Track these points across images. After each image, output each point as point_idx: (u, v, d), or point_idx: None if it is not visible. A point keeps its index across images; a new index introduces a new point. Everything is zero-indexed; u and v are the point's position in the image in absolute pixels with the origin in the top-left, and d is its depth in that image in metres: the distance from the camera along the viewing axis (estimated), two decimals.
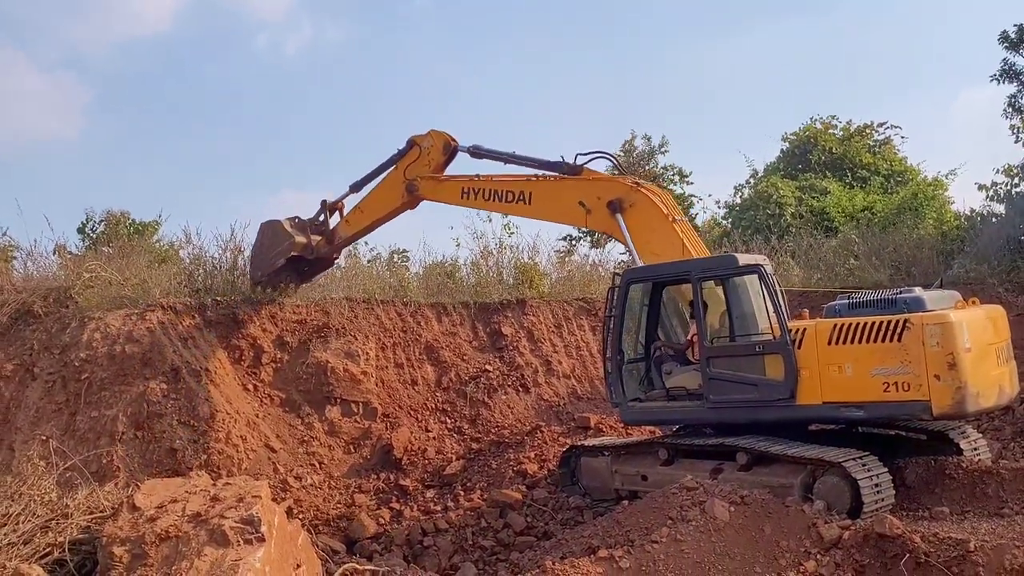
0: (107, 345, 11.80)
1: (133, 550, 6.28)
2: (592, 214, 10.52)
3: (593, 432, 12.52)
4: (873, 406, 8.43)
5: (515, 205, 11.28)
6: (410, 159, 12.18)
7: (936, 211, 21.05)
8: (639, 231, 10.17)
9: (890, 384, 8.23)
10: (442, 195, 12.06)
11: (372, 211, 12.71)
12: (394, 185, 12.36)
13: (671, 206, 10.42)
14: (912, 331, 8.11)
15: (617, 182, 10.68)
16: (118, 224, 17.60)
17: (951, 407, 8.06)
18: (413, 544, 9.92)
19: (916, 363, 8.08)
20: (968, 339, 8.11)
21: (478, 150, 11.76)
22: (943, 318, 8.14)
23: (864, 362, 8.38)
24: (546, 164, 11.11)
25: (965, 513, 8.17)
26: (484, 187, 11.47)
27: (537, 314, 16.29)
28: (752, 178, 26.93)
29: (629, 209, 10.24)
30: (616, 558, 7.08)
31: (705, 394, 9.42)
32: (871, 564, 6.83)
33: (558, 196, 10.96)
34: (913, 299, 8.48)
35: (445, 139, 12.04)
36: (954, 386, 7.99)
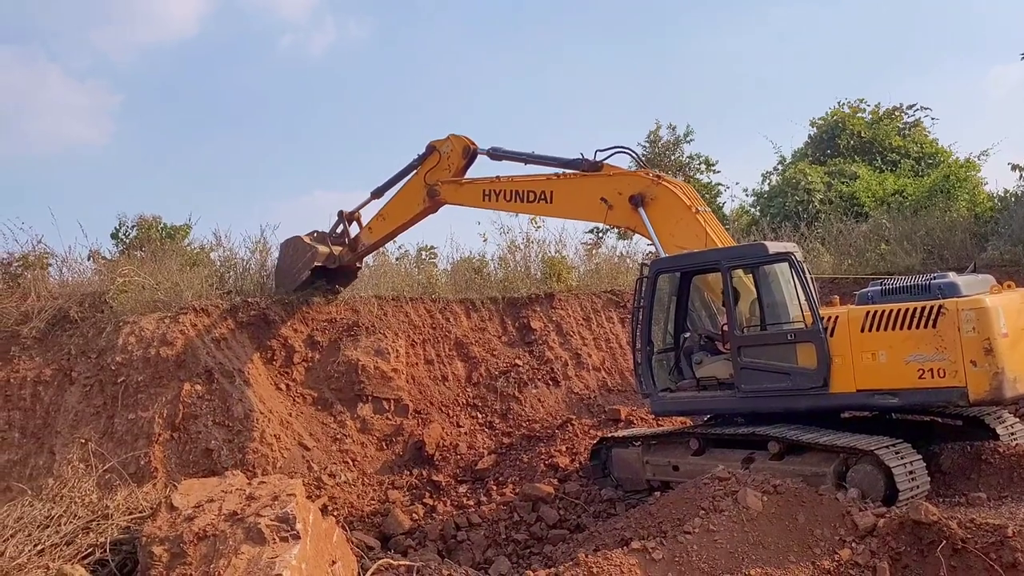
0: (142, 348, 12.00)
1: (172, 549, 6.41)
2: (614, 210, 10.53)
3: (624, 424, 12.52)
4: (908, 393, 8.34)
5: (537, 205, 11.33)
6: (430, 164, 12.27)
7: (969, 193, 20.68)
8: (662, 224, 10.15)
9: (925, 371, 8.14)
10: (463, 198, 12.12)
11: (394, 217, 12.81)
12: (415, 190, 12.45)
13: (693, 197, 10.38)
14: (947, 317, 8.01)
15: (638, 176, 10.66)
16: (150, 228, 17.81)
17: (988, 393, 7.95)
18: (447, 539, 9.99)
19: (951, 349, 7.98)
20: (1004, 324, 7.99)
21: (497, 152, 11.81)
22: (978, 303, 8.02)
23: (898, 349, 8.29)
24: (565, 162, 11.13)
25: (1003, 498, 8.06)
26: (505, 188, 11.51)
27: (566, 307, 16.28)
28: (780, 164, 26.67)
29: (651, 203, 10.22)
30: (649, 549, 7.08)
31: (736, 383, 9.37)
32: (907, 551, 6.78)
33: (579, 193, 10.96)
34: (947, 284, 8.37)
35: (464, 143, 12.11)
36: (991, 372, 7.88)
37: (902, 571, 6.71)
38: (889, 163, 24.47)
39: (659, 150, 26.47)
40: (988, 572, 6.45)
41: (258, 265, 14.86)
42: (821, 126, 26.38)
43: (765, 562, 6.91)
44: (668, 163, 26.36)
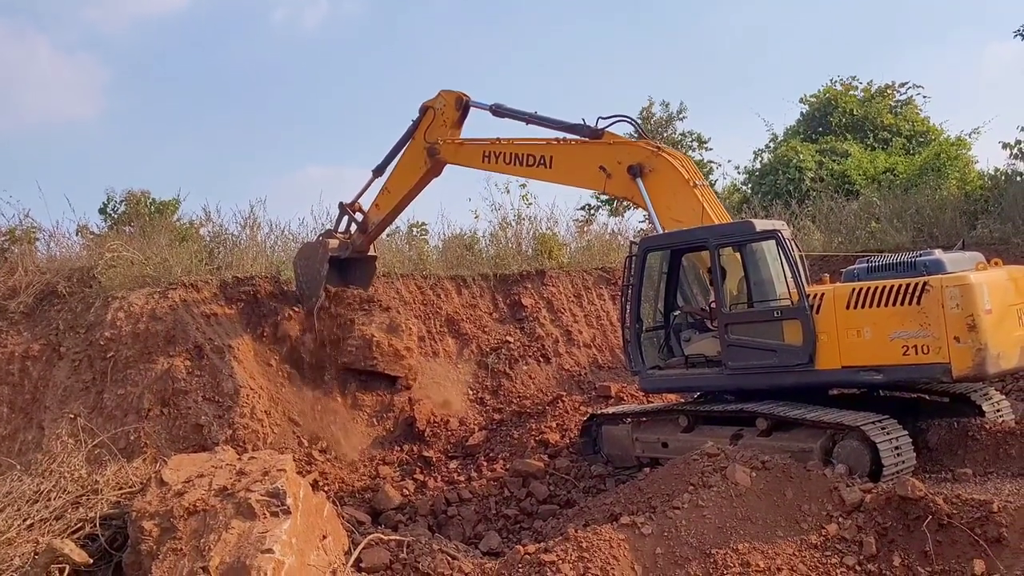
0: (131, 324, 11.96)
1: (162, 524, 6.43)
2: (612, 179, 10.43)
3: (614, 401, 12.56)
4: (892, 369, 8.38)
5: (536, 169, 11.19)
6: (426, 123, 12.15)
7: (959, 171, 20.72)
8: (660, 196, 10.08)
9: (909, 347, 8.18)
10: (463, 158, 11.99)
11: (399, 187, 12.61)
12: (415, 154, 12.30)
13: (692, 171, 10.30)
14: (931, 294, 8.04)
15: (638, 146, 10.54)
16: (139, 204, 17.69)
17: (971, 369, 7.99)
18: (437, 514, 10.04)
19: (936, 326, 8.01)
20: (988, 300, 8.02)
21: (500, 108, 11.65)
22: (963, 280, 8.05)
23: (883, 326, 8.32)
24: (567, 126, 10.99)
25: (988, 474, 8.13)
26: (505, 150, 11.39)
27: (557, 284, 16.30)
28: (772, 142, 26.64)
29: (650, 174, 10.13)
30: (638, 524, 7.13)
31: (724, 361, 9.41)
32: (893, 526, 6.85)
33: (579, 160, 10.85)
34: (933, 261, 8.40)
35: (456, 95, 12.04)
36: (974, 348, 7.91)
37: (888, 546, 6.78)
38: (881, 141, 24.48)
39: (652, 127, 26.36)
40: (973, 547, 6.52)
41: (248, 241, 14.81)
42: (813, 104, 26.34)
43: (753, 537, 6.97)
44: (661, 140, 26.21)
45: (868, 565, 6.68)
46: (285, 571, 5.98)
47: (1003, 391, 11.04)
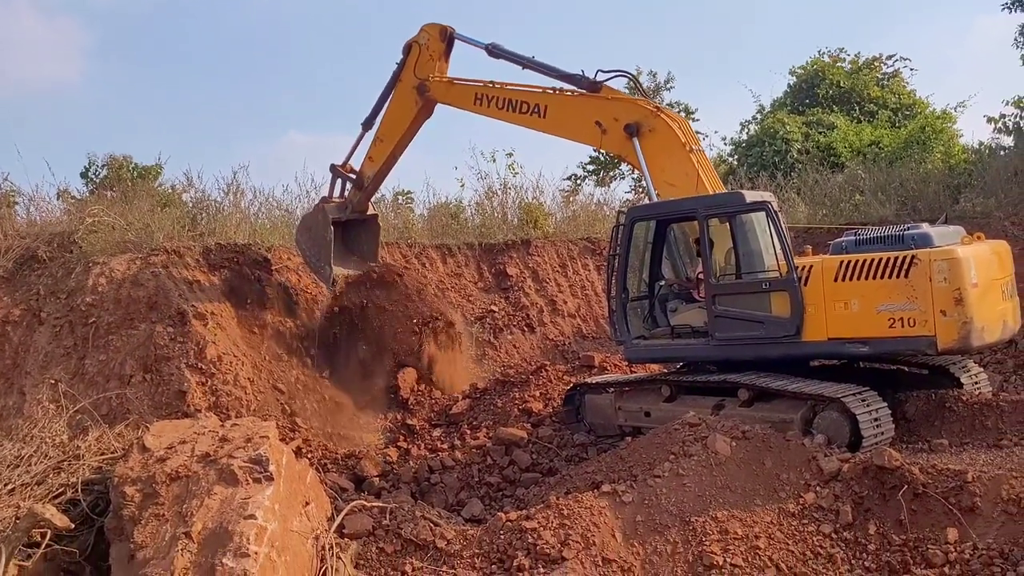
0: (112, 289, 11.87)
1: (144, 489, 6.42)
2: (608, 135, 10.20)
3: (598, 370, 12.62)
4: (878, 342, 8.47)
5: (528, 117, 10.84)
6: (412, 61, 11.82)
7: (944, 145, 20.79)
8: (655, 158, 9.91)
9: (896, 320, 8.25)
10: (454, 98, 11.59)
11: (391, 132, 12.18)
12: (405, 94, 11.92)
13: (689, 135, 10.12)
14: (919, 267, 8.10)
15: (637, 104, 10.34)
16: (120, 168, 17.51)
17: (956, 342, 8.09)
18: (420, 481, 10.08)
19: (923, 299, 8.09)
20: (975, 274, 8.11)
21: (496, 48, 11.28)
22: (951, 254, 8.12)
23: (870, 298, 8.39)
24: (565, 76, 10.68)
25: (964, 445, 8.26)
26: (498, 95, 11.02)
27: (542, 254, 16.31)
28: (759, 114, 26.60)
29: (647, 134, 9.94)
30: (619, 492, 7.20)
31: (710, 331, 9.44)
32: (869, 495, 6.93)
33: (574, 113, 10.57)
34: (920, 235, 8.46)
35: (440, 27, 11.71)
36: (960, 321, 8.01)
37: (864, 514, 6.87)
38: (867, 114, 24.49)
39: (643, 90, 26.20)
40: (947, 516, 6.62)
41: (231, 207, 14.69)
42: (801, 75, 26.27)
43: (732, 505, 7.05)
44: None
45: (844, 533, 6.78)
46: (268, 537, 6.00)
47: (981, 363, 11.18)
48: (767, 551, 6.62)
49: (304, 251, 13.01)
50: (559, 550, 6.68)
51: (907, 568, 6.41)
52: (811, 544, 6.72)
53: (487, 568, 6.78)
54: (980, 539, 6.39)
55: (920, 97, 25.25)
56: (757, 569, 6.50)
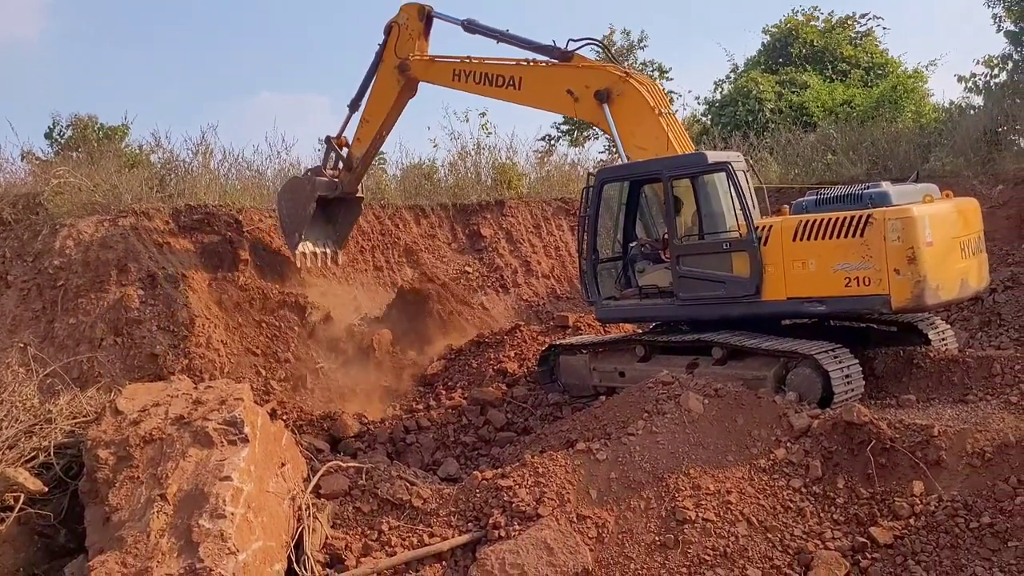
0: (80, 252, 11.70)
1: (118, 452, 6.39)
2: (580, 103, 10.31)
3: (572, 331, 12.69)
4: (835, 301, 8.53)
5: (505, 90, 11.03)
6: (393, 41, 11.95)
7: (915, 104, 20.89)
8: (625, 123, 10.00)
9: (851, 279, 8.31)
10: (434, 76, 11.81)
11: (376, 112, 12.34)
12: (387, 74, 12.07)
13: (659, 98, 10.17)
14: (874, 226, 8.13)
15: (606, 71, 10.39)
16: (86, 129, 17.20)
17: (910, 301, 8.14)
18: (396, 442, 10.13)
19: (877, 258, 8.12)
20: (930, 233, 8.11)
21: (472, 24, 11.46)
22: (905, 212, 8.13)
23: (827, 258, 8.44)
24: (538, 47, 10.84)
25: (931, 400, 8.41)
26: (475, 69, 11.22)
27: (516, 215, 16.28)
28: (732, 73, 26.53)
29: (617, 99, 10.02)
30: (593, 451, 7.28)
31: (675, 291, 9.54)
32: (839, 450, 7.07)
33: (547, 83, 10.71)
34: (879, 194, 8.47)
35: (418, 6, 11.85)
36: (913, 280, 8.04)
37: (833, 469, 7.01)
38: (840, 73, 24.50)
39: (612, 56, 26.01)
40: (914, 469, 6.78)
41: (201, 168, 14.46)
42: (774, 34, 26.18)
43: (704, 462, 7.16)
44: None
45: (813, 487, 6.92)
46: (244, 498, 6.01)
47: (948, 320, 11.37)
48: (738, 506, 6.75)
49: (282, 214, 13.00)
50: (534, 507, 6.76)
51: (874, 520, 6.57)
52: (781, 498, 6.85)
53: (463, 526, 6.86)
54: (945, 491, 6.56)
55: (892, 56, 25.31)
56: (728, 523, 6.63)
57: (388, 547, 6.72)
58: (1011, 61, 16.94)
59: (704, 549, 6.47)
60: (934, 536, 6.30)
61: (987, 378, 8.46)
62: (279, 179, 15.21)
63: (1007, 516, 6.22)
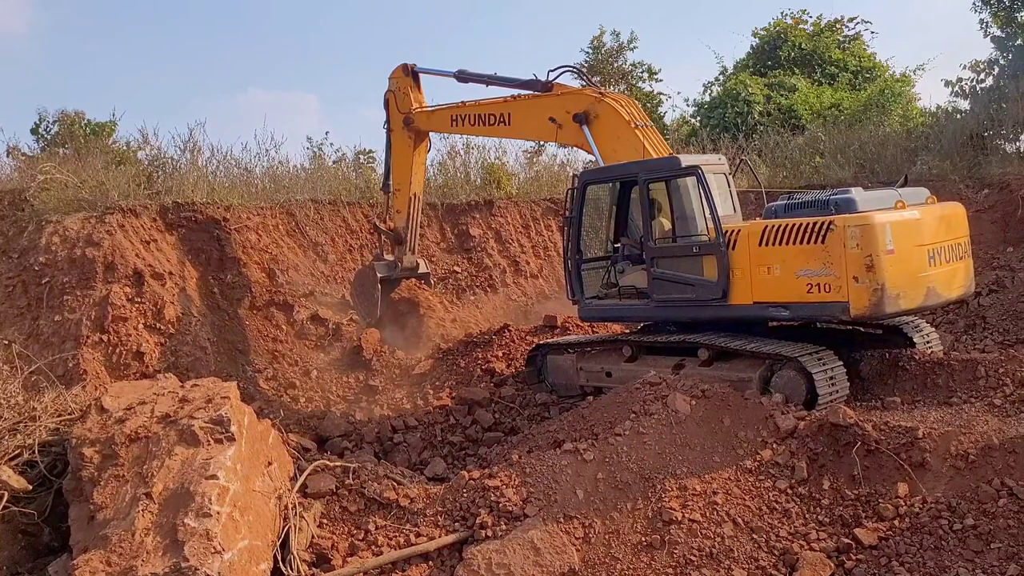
0: (67, 249, 11.63)
1: (103, 451, 6.36)
2: (563, 128, 10.71)
3: (560, 330, 12.71)
4: (797, 306, 8.55)
5: (497, 127, 11.76)
6: (393, 107, 12.75)
7: (902, 108, 21.01)
8: (605, 141, 10.31)
9: (813, 285, 8.32)
10: (436, 124, 12.66)
11: (402, 178, 13.02)
12: (399, 136, 12.84)
13: (635, 113, 10.48)
14: (835, 233, 8.13)
15: (583, 94, 10.77)
16: (73, 125, 17.06)
17: (868, 308, 8.11)
18: (383, 441, 10.12)
19: (837, 264, 8.13)
20: (891, 241, 8.08)
21: (463, 74, 12.14)
22: (864, 220, 8.10)
23: (790, 263, 8.46)
24: (522, 83, 11.39)
25: (916, 402, 8.46)
26: (469, 112, 11.94)
27: (505, 215, 16.28)
28: (721, 75, 26.61)
29: (595, 120, 10.37)
30: (581, 451, 7.29)
31: (649, 292, 9.62)
32: (824, 452, 7.11)
33: (532, 114, 11.24)
34: (844, 200, 8.44)
35: (400, 67, 12.72)
36: (871, 288, 8.03)
37: (819, 470, 7.05)
38: (828, 76, 24.62)
39: (602, 57, 26.08)
40: (898, 471, 6.81)
41: (189, 165, 14.40)
42: (763, 37, 26.28)
43: (691, 462, 7.18)
44: (611, 71, 26.02)
45: (799, 488, 6.95)
46: (230, 497, 5.98)
47: (933, 323, 11.45)
48: (725, 506, 6.77)
49: (355, 302, 13.41)
50: (521, 507, 6.77)
51: (859, 522, 6.60)
52: (767, 499, 6.88)
53: (450, 526, 6.85)
54: (929, 493, 6.60)
55: (880, 60, 25.45)
56: (715, 524, 6.65)
57: (375, 547, 6.71)
58: (997, 66, 17.06)
59: (690, 550, 6.49)
60: (918, 538, 6.33)
61: (971, 381, 8.52)
62: (267, 177, 15.19)
63: (990, 518, 6.26)
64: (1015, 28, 16.79)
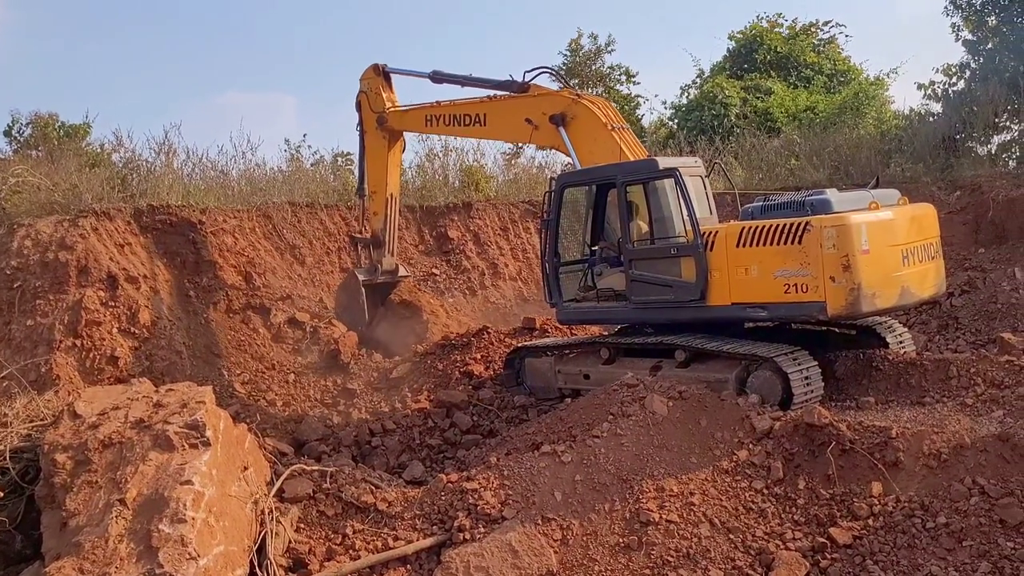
0: (39, 252, 11.51)
1: (76, 457, 6.29)
2: (539, 130, 10.73)
3: (539, 333, 12.73)
4: (775, 307, 8.61)
5: (472, 128, 11.74)
6: (366, 108, 12.70)
7: (876, 111, 21.23)
8: (581, 142, 10.33)
9: (790, 285, 8.39)
10: (409, 123, 12.58)
11: (377, 180, 12.96)
12: (372, 136, 12.76)
13: (611, 115, 10.52)
14: (812, 233, 8.20)
15: (559, 96, 10.79)
16: (46, 127, 16.91)
17: (845, 308, 8.19)
18: (361, 444, 10.09)
19: (814, 265, 8.19)
20: (866, 241, 8.17)
21: (437, 75, 12.11)
22: (841, 220, 8.18)
23: (768, 264, 8.52)
24: (498, 84, 11.38)
25: (889, 402, 8.54)
26: (444, 112, 11.89)
27: (483, 217, 16.29)
28: (699, 78, 26.78)
29: (572, 122, 10.40)
30: (559, 453, 7.30)
31: (628, 295, 9.66)
32: (800, 452, 7.16)
33: (508, 115, 11.25)
34: (820, 201, 8.53)
35: (371, 68, 12.68)
36: (848, 287, 8.10)
37: (794, 470, 7.10)
38: (803, 79, 24.84)
39: (580, 59, 26.19)
40: (872, 470, 6.88)
41: (164, 167, 14.29)
42: (740, 40, 26.48)
43: (668, 464, 7.21)
44: (589, 73, 26.15)
45: (775, 488, 7.00)
46: (205, 502, 5.94)
47: (906, 323, 11.58)
48: (701, 507, 6.81)
49: (342, 314, 13.36)
50: (499, 510, 6.77)
51: (834, 521, 6.65)
52: (743, 500, 6.92)
53: (428, 529, 6.84)
54: (903, 492, 6.67)
55: (854, 63, 25.72)
56: (692, 524, 6.68)
57: (352, 551, 6.68)
58: (968, 70, 17.28)
59: (667, 550, 6.52)
60: (892, 536, 6.39)
61: (944, 381, 8.62)
62: (244, 180, 15.11)
63: (962, 516, 6.33)
64: (985, 32, 17.00)
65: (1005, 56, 16.41)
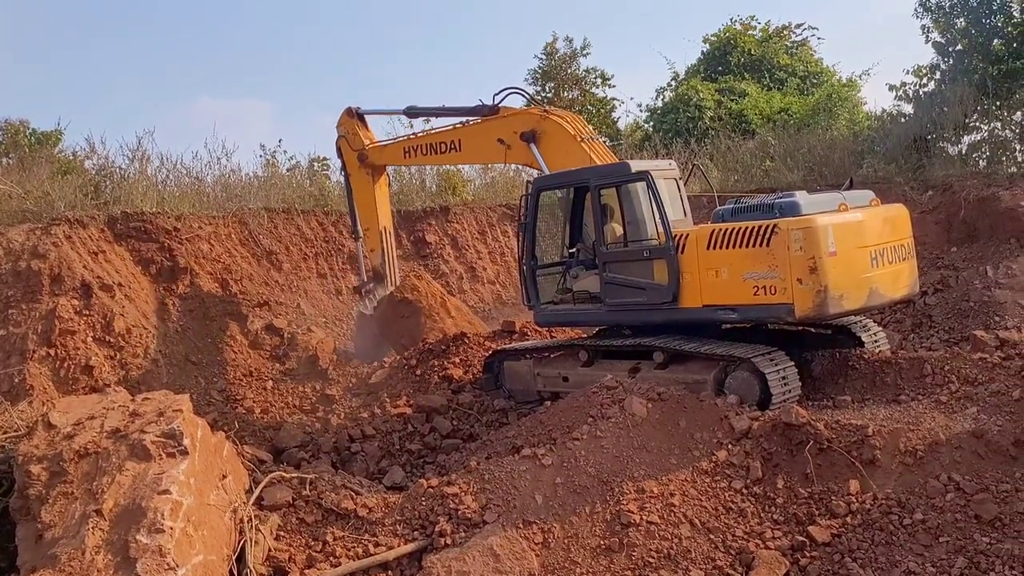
0: (11, 261, 11.36)
1: (51, 468, 6.22)
2: (512, 149, 10.90)
3: (518, 336, 12.73)
4: (745, 309, 8.67)
5: (449, 155, 12.06)
6: (346, 150, 13.02)
7: (849, 112, 21.44)
8: (553, 157, 10.48)
9: (759, 288, 8.45)
10: (389, 157, 12.87)
11: (368, 216, 13.16)
12: (356, 175, 13.07)
13: (580, 127, 10.66)
14: (779, 236, 8.26)
15: (528, 113, 10.96)
16: (17, 134, 16.70)
17: (812, 310, 8.25)
18: (341, 451, 10.03)
19: (782, 267, 8.26)
20: (833, 243, 8.24)
21: (411, 109, 12.59)
22: (807, 223, 8.24)
23: (737, 266, 8.59)
24: (468, 110, 11.65)
25: (865, 401, 8.63)
26: (421, 143, 12.22)
27: (461, 221, 16.30)
28: (673, 81, 26.92)
29: (542, 137, 10.57)
30: (539, 456, 7.31)
31: (602, 297, 9.71)
32: (778, 451, 7.22)
33: (481, 138, 11.47)
34: (788, 204, 8.59)
35: (345, 111, 13.07)
36: (815, 289, 8.17)
37: (773, 469, 7.16)
38: (777, 81, 25.05)
39: (555, 63, 26.25)
40: (849, 468, 6.95)
41: (138, 174, 14.16)
42: (714, 43, 26.65)
43: (648, 465, 7.24)
44: (564, 76, 26.21)
45: (754, 488, 7.05)
46: (183, 511, 5.89)
47: (881, 323, 11.70)
48: (681, 508, 6.84)
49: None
50: (480, 514, 6.77)
51: (813, 519, 6.72)
52: (723, 499, 6.97)
53: (409, 535, 6.82)
54: (880, 489, 6.75)
55: (827, 65, 25.97)
56: (672, 525, 6.71)
57: (333, 558, 6.64)
58: (939, 71, 17.50)
59: (648, 551, 6.54)
60: (869, 533, 6.46)
61: (919, 379, 8.71)
62: (219, 186, 15.00)
63: (938, 512, 6.42)
64: (954, 34, 17.23)
65: (974, 57, 16.63)
